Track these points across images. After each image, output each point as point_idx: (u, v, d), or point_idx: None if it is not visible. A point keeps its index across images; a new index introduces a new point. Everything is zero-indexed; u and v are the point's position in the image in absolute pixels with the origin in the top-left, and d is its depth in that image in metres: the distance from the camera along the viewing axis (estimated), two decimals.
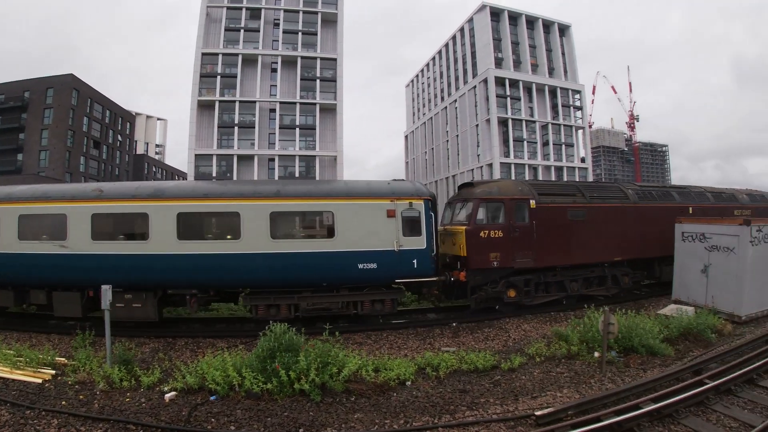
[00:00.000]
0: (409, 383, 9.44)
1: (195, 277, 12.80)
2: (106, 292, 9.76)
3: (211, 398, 8.31)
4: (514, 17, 64.67)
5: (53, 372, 9.52)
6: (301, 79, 48.48)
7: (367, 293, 13.73)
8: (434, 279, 14.16)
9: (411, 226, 13.61)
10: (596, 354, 10.95)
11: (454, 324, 14.23)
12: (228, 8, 49.01)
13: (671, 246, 16.28)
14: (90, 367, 9.46)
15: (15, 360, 9.88)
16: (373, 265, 13.22)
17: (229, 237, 13.05)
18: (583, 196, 16.56)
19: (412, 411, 8.17)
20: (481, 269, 14.55)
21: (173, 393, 8.43)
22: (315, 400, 8.29)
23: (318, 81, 48.99)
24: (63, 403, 8.02)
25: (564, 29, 67.83)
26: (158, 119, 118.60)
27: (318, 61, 49.34)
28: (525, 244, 14.89)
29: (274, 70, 48.48)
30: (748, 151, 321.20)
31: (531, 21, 65.96)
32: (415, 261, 13.54)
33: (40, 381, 9.06)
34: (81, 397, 8.33)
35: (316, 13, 50.17)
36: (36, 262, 12.49)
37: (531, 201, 15.29)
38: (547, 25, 66.67)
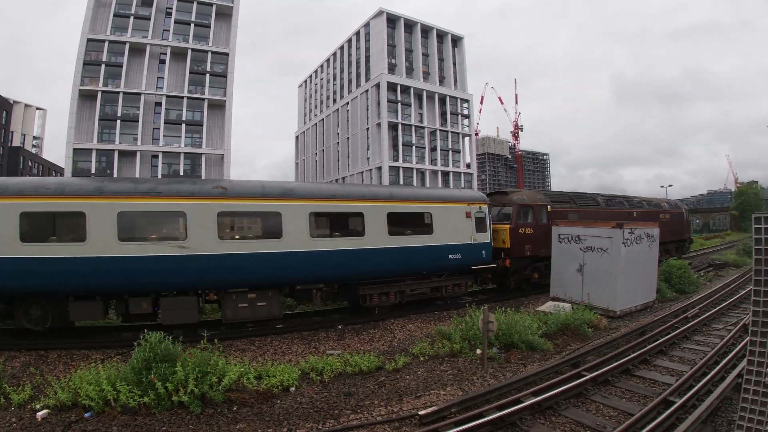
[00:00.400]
0: (293, 389, 9.46)
1: (325, 272, 14.06)
2: None
3: (86, 415, 7.90)
4: (409, 25, 67.53)
5: None
6: (190, 73, 47.00)
7: (449, 278, 16.86)
8: (494, 265, 17.96)
9: (480, 224, 17.41)
10: (478, 351, 11.35)
11: (339, 326, 14.37)
12: None
13: None
14: None
15: None
16: (458, 256, 16.60)
17: (354, 234, 14.75)
18: (575, 203, 22.27)
19: (296, 418, 8.20)
20: (518, 257, 18.92)
21: (46, 411, 7.97)
22: (195, 412, 8.09)
23: (208, 75, 47.73)
24: None
25: (457, 40, 72.13)
26: (37, 109, 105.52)
27: (209, 54, 48.04)
28: (546, 238, 18.90)
29: (163, 62, 46.50)
30: (624, 161, 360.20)
31: (426, 30, 69.32)
32: (483, 252, 17.37)
33: None
34: None
35: (210, 4, 48.81)
36: (144, 266, 11.71)
37: (548, 206, 20.29)
38: (441, 35, 70.49)
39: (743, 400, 6.07)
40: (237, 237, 13.24)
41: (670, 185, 76.50)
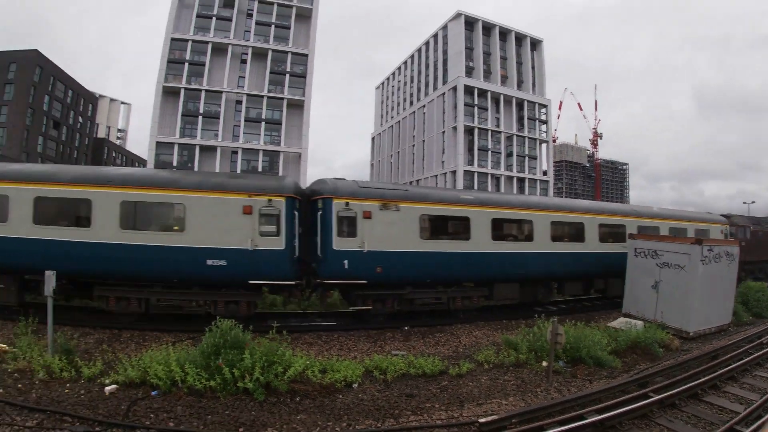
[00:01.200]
0: (355, 385, 9.38)
1: (500, 270, 15.96)
2: (50, 278, 9.44)
3: (153, 393, 8.11)
4: (487, 28, 66.00)
5: None
6: (270, 73, 48.08)
7: None
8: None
9: None
10: (544, 363, 11.03)
11: (406, 328, 14.38)
12: None
13: None
14: (30, 356, 9.18)
15: None
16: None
17: (525, 239, 16.87)
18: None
19: (356, 414, 8.11)
20: None
21: (114, 386, 8.24)
22: (258, 399, 8.17)
23: (287, 75, 48.61)
24: (0, 390, 7.90)
25: (536, 44, 69.68)
26: (122, 103, 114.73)
27: (289, 55, 48.95)
28: None
29: (244, 62, 47.89)
30: (705, 175, 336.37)
31: (504, 33, 67.49)
32: None
33: None
34: (20, 386, 8.20)
35: (290, 6, 49.79)
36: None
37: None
38: (520, 38, 68.35)
39: None
40: (437, 237, 15.12)
41: (752, 202, 69.32)
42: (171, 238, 12.40)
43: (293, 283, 13.27)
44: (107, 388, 8.21)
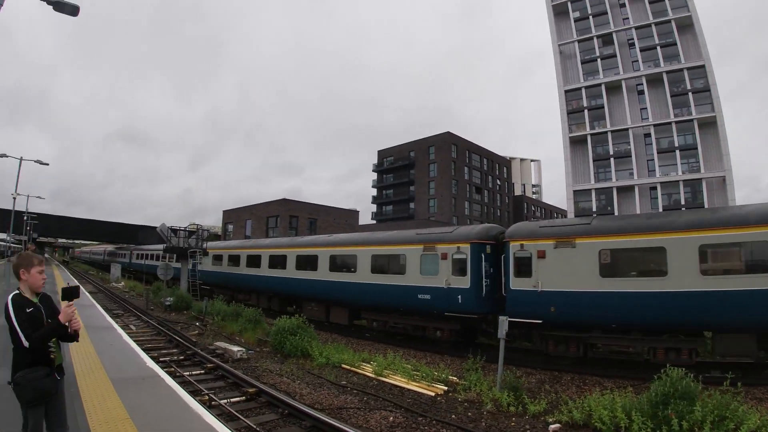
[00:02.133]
0: None
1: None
2: (503, 322, 10.28)
3: None
4: None
5: (445, 388, 10.33)
6: (671, 96, 42.91)
7: None
8: None
9: None
10: None
11: None
12: (579, 41, 48.93)
13: None
14: (480, 389, 9.83)
15: (412, 374, 11.30)
16: None
17: None
18: None
19: None
20: None
21: (557, 425, 8.04)
22: None
23: (690, 94, 42.34)
24: (453, 416, 8.50)
25: None
26: (531, 161, 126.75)
27: (685, 72, 42.87)
28: None
29: (641, 92, 44.76)
30: None
31: None
32: None
33: (432, 394, 9.92)
34: (469, 414, 8.70)
35: (668, 21, 44.31)
36: None
37: None
38: None
39: None
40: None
41: None
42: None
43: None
44: (551, 427, 8.00)
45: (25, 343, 3.50)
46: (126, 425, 5.48)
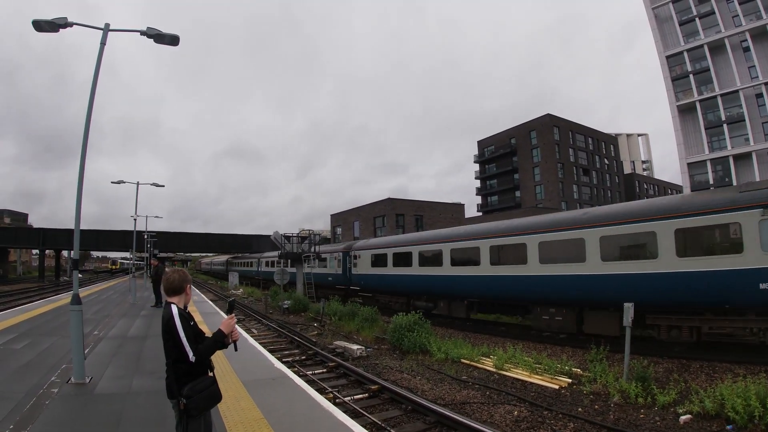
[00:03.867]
0: None
1: None
2: (628, 309, 10.12)
3: (728, 427, 7.38)
4: None
5: (569, 380, 10.42)
6: None
7: None
8: None
9: None
10: None
11: None
12: (673, 2, 45.47)
13: None
14: (606, 380, 9.80)
15: (534, 366, 11.48)
16: None
17: None
18: None
19: None
20: None
21: (688, 416, 7.87)
22: None
23: None
24: (579, 409, 8.59)
25: None
26: (638, 135, 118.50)
27: None
28: None
29: (746, 49, 40.66)
30: None
31: None
32: None
33: (556, 387, 10.03)
34: (596, 406, 8.74)
35: None
36: None
37: None
38: None
39: None
40: None
41: None
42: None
43: None
44: (682, 418, 7.85)
45: (192, 358, 3.50)
46: (261, 425, 5.77)
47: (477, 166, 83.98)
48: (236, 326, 3.99)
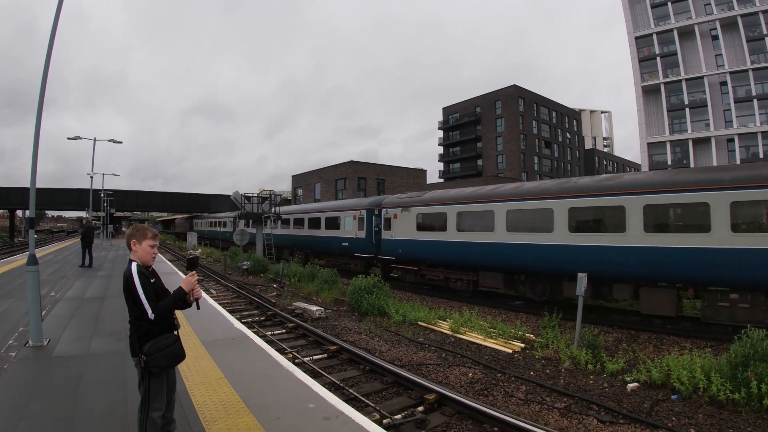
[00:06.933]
0: None
1: None
2: (582, 279, 10.30)
3: (673, 397, 7.71)
4: None
5: (522, 345, 10.66)
6: (747, 41, 39.97)
7: None
8: None
9: None
10: None
11: None
12: None
13: None
14: (557, 346, 10.05)
15: (489, 331, 11.68)
16: None
17: None
18: None
19: None
20: None
21: (635, 384, 8.19)
22: None
23: (766, 39, 39.18)
24: (531, 373, 8.81)
25: None
26: (602, 112, 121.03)
27: (760, 15, 39.51)
28: None
29: (715, 38, 41.89)
30: None
31: None
32: None
33: (510, 351, 10.25)
34: (547, 371, 8.98)
35: None
36: None
37: None
38: None
39: None
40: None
41: None
42: None
43: None
44: (629, 385, 8.15)
45: (151, 315, 3.45)
46: (221, 384, 5.76)
47: (441, 133, 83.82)
48: (197, 284, 3.88)
